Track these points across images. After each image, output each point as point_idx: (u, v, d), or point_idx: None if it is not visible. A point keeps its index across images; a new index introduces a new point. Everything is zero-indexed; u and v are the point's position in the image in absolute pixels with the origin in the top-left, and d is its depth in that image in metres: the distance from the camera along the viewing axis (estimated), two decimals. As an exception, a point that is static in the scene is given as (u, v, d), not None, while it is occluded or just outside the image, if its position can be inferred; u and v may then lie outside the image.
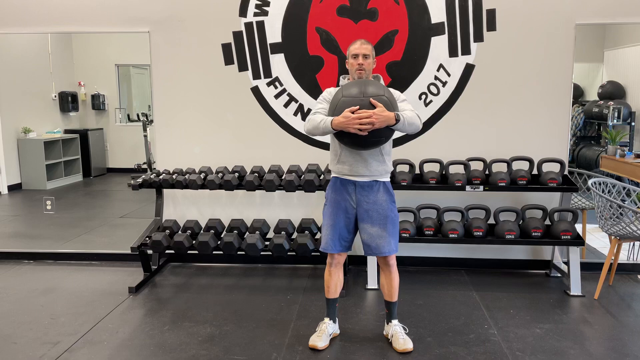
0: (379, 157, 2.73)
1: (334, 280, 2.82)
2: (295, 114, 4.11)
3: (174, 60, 4.15)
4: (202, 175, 3.92)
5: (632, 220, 3.37)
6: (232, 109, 4.16)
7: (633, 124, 7.19)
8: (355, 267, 4.09)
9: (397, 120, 2.54)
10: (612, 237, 3.56)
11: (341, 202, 2.78)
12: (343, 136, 2.60)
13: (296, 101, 4.09)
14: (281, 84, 4.08)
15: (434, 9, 3.89)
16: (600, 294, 3.55)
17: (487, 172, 3.89)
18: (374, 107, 2.51)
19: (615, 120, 7.14)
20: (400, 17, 3.91)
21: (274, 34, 4.02)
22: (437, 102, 4.00)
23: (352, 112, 2.49)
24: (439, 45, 3.93)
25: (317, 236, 3.85)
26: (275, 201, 4.23)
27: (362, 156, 2.71)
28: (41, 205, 5.19)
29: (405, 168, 3.91)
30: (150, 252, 3.93)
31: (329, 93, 2.81)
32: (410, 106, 2.75)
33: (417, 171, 3.91)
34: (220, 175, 3.92)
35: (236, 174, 3.91)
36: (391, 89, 2.78)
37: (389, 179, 2.82)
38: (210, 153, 4.21)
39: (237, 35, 4.05)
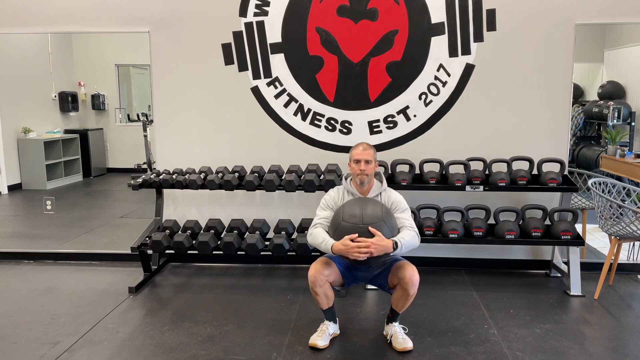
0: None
1: (322, 296, 2.79)
2: (295, 114, 4.11)
3: (174, 60, 4.15)
4: (202, 175, 3.92)
5: (632, 220, 3.37)
6: (232, 109, 4.16)
7: (633, 124, 7.19)
8: (355, 267, 4.09)
9: (395, 248, 2.61)
10: (612, 237, 3.56)
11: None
12: (344, 257, 2.68)
13: (296, 101, 4.09)
14: (281, 84, 4.08)
15: (434, 9, 3.89)
16: (600, 294, 3.55)
17: (487, 172, 3.89)
18: (372, 235, 2.59)
19: (615, 120, 7.14)
20: (400, 17, 3.91)
21: (274, 34, 4.02)
22: (437, 102, 4.00)
23: (352, 240, 2.57)
24: (439, 45, 3.93)
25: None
26: (275, 201, 4.23)
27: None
28: (41, 205, 5.19)
29: (405, 168, 3.91)
30: (150, 252, 3.93)
31: (332, 199, 2.91)
32: (410, 217, 2.83)
33: (417, 171, 3.91)
34: (220, 175, 3.92)
35: (236, 174, 3.91)
36: (394, 195, 2.89)
37: None
38: (210, 153, 4.21)
39: (237, 35, 4.05)
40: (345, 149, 3.99)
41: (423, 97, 4.01)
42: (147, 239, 3.78)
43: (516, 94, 3.96)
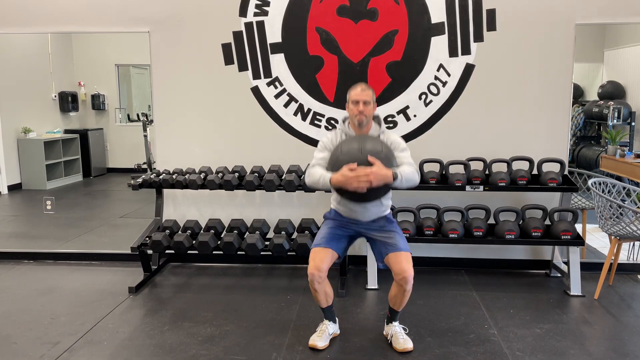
0: (378, 203, 2.76)
1: (321, 294, 2.77)
2: (295, 114, 4.11)
3: (174, 60, 4.15)
4: (202, 175, 3.92)
5: (632, 220, 3.37)
6: (232, 109, 4.16)
7: (633, 124, 7.19)
8: (355, 267, 4.09)
9: (395, 178, 2.55)
10: (612, 237, 3.56)
11: (342, 225, 2.84)
12: (342, 191, 2.62)
13: (296, 101, 4.09)
14: (281, 84, 4.08)
15: (434, 8, 3.89)
16: (600, 294, 3.55)
17: (487, 172, 3.89)
18: (372, 164, 2.52)
19: (615, 120, 7.13)
20: (400, 17, 3.91)
21: (274, 34, 4.02)
22: (437, 102, 4.00)
23: (350, 170, 2.50)
24: (439, 45, 3.93)
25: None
26: (275, 201, 4.23)
27: (361, 205, 2.74)
28: (41, 205, 5.19)
29: (405, 168, 3.91)
30: (150, 252, 3.93)
31: (329, 140, 2.82)
32: (409, 155, 2.76)
33: (417, 171, 3.91)
34: (220, 175, 3.92)
35: (236, 174, 3.91)
36: (393, 136, 2.81)
37: (389, 212, 2.86)
38: (210, 153, 4.21)
39: (237, 35, 4.05)
40: (345, 149, 3.99)
41: (423, 97, 4.01)
42: (147, 239, 3.78)
43: (516, 94, 3.96)
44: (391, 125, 4.05)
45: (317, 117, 4.09)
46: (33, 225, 5.62)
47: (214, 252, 3.69)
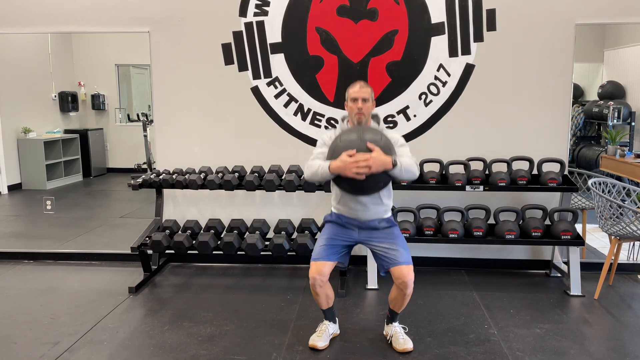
0: (378, 201, 2.72)
1: (322, 296, 2.77)
2: (295, 114, 4.11)
3: (174, 60, 4.15)
4: (202, 175, 3.92)
5: (632, 220, 3.37)
6: (232, 109, 4.16)
7: (633, 124, 7.19)
8: (355, 267, 4.09)
9: (394, 165, 2.50)
10: (612, 237, 3.56)
11: (342, 229, 2.80)
12: (341, 181, 2.59)
13: (296, 101, 4.09)
14: (281, 84, 4.08)
15: (434, 8, 3.89)
16: (600, 294, 3.55)
17: (487, 172, 3.89)
18: (371, 151, 2.49)
19: (615, 120, 7.13)
20: (400, 17, 3.91)
21: (274, 34, 4.02)
22: (437, 102, 4.00)
23: (350, 156, 2.48)
24: (439, 45, 3.93)
25: (317, 236, 3.85)
26: (275, 201, 4.23)
27: (361, 202, 2.70)
28: (41, 205, 5.18)
29: (405, 168, 3.90)
30: (150, 252, 3.93)
31: (328, 137, 2.79)
32: (408, 151, 2.74)
33: (417, 171, 3.91)
34: (220, 175, 3.92)
35: (236, 174, 3.91)
36: (391, 132, 2.78)
37: (390, 214, 2.82)
38: (210, 153, 4.21)
39: (237, 35, 4.05)
40: (345, 149, 3.98)
41: (423, 97, 4.01)
42: (147, 239, 3.78)
43: (516, 94, 3.96)
44: (391, 125, 4.05)
45: (317, 117, 4.09)
46: (33, 225, 5.62)
47: (214, 252, 3.69)
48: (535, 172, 3.89)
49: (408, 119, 4.04)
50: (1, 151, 7.31)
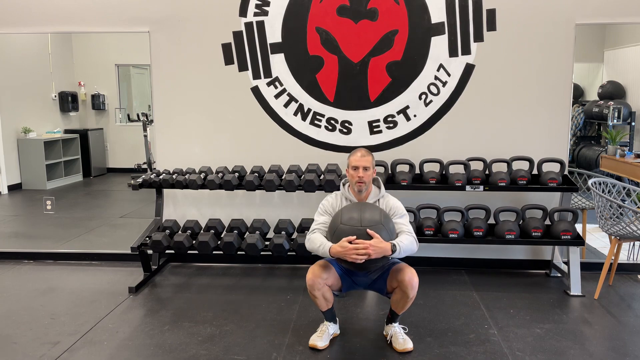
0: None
1: (320, 299, 2.79)
2: (295, 113, 4.11)
3: (174, 60, 4.15)
4: (202, 175, 3.92)
5: (632, 220, 3.37)
6: (232, 109, 4.16)
7: (633, 124, 7.19)
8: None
9: (393, 251, 2.59)
10: (612, 237, 3.56)
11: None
12: (341, 260, 2.65)
13: (296, 101, 4.09)
14: (281, 84, 4.08)
15: (434, 8, 3.89)
16: (600, 294, 3.55)
17: (487, 172, 3.89)
18: (371, 237, 2.56)
19: (615, 120, 7.14)
20: (400, 17, 3.91)
21: (274, 34, 4.02)
22: (437, 102, 4.00)
23: (350, 242, 2.54)
24: (439, 45, 3.93)
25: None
26: (275, 201, 4.23)
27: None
28: (41, 205, 5.19)
29: (405, 168, 3.91)
30: (150, 252, 3.93)
31: (330, 204, 2.87)
32: (408, 223, 2.81)
33: (417, 171, 3.91)
34: (220, 175, 3.92)
35: (236, 174, 3.91)
36: (392, 200, 2.85)
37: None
38: (210, 153, 4.21)
39: (237, 35, 4.05)
40: (346, 149, 3.99)
41: (423, 97, 4.01)
42: (147, 238, 3.78)
43: (516, 94, 3.96)
44: (391, 125, 4.05)
45: (317, 117, 4.09)
46: (33, 225, 5.62)
47: (214, 252, 3.69)
48: (535, 172, 3.89)
49: (408, 119, 4.04)
50: (1, 151, 7.31)
